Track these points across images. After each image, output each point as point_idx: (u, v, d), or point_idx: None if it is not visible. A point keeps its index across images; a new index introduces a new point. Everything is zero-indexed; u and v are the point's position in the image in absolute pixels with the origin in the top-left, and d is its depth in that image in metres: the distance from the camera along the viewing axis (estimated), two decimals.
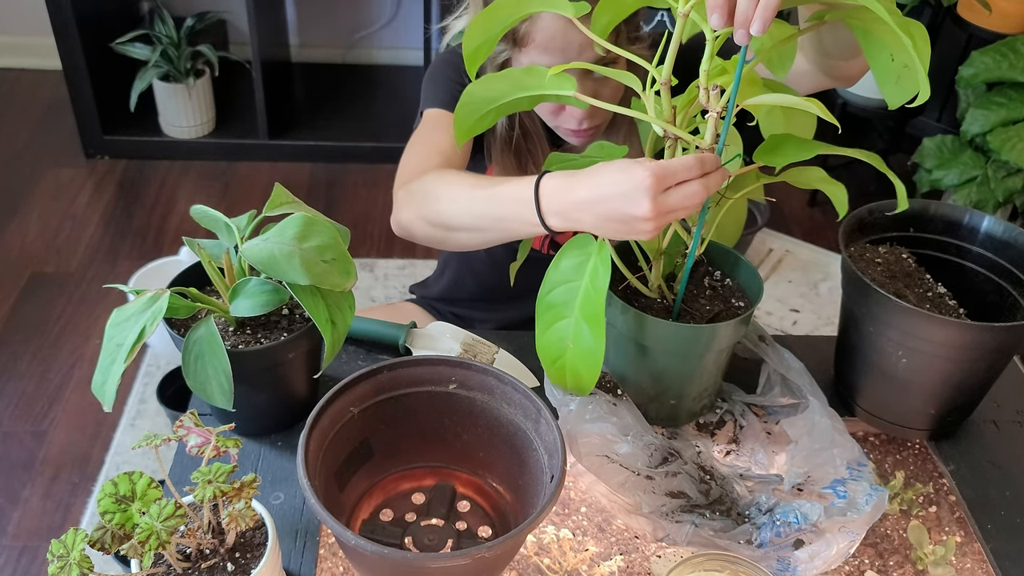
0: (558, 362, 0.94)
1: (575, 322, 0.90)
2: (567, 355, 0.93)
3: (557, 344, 0.93)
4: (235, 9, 2.94)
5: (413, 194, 1.07)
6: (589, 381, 0.94)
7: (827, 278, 2.52)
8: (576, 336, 0.91)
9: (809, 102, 0.79)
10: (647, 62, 0.88)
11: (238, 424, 0.98)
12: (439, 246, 1.10)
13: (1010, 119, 2.26)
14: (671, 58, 0.84)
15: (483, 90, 0.94)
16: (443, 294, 1.51)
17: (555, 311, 0.92)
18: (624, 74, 0.88)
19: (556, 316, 0.92)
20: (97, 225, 2.62)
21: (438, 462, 0.98)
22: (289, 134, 2.89)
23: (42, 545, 1.78)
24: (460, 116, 0.96)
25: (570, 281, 0.91)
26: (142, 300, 0.85)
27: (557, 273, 0.92)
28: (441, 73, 1.26)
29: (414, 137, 1.20)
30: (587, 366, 0.92)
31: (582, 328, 0.90)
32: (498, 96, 0.93)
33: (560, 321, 0.92)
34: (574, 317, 0.90)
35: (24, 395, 2.09)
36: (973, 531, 0.99)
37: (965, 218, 1.10)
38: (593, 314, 0.89)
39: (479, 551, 0.76)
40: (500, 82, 0.93)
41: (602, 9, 0.89)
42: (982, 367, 1.00)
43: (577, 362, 0.92)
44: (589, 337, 0.90)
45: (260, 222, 0.95)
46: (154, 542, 0.72)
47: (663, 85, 0.85)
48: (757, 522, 0.92)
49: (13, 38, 3.19)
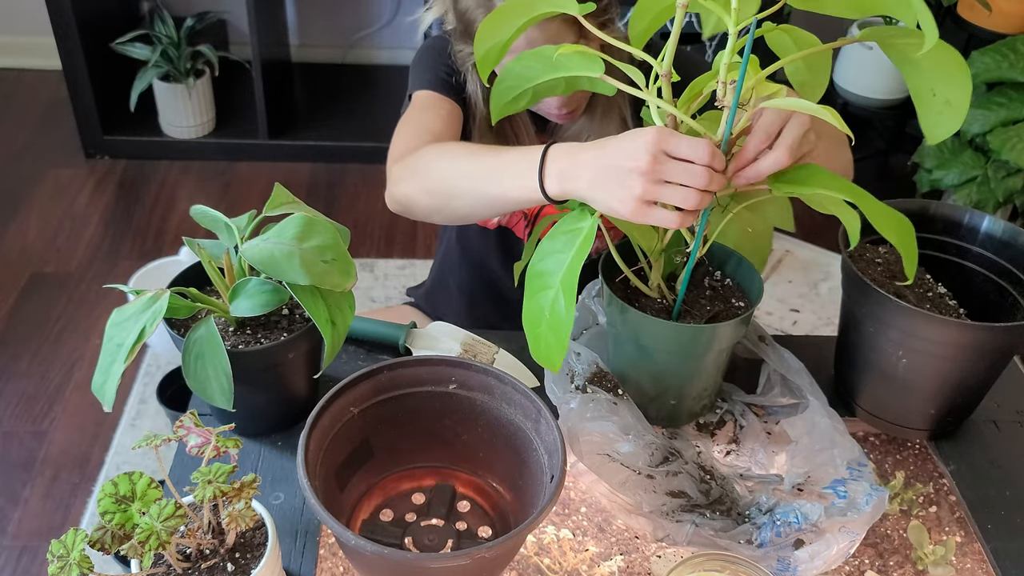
0: (536, 330, 0.91)
1: (555, 292, 0.89)
2: (543, 324, 0.90)
3: (539, 313, 0.91)
4: (235, 9, 2.94)
5: (411, 167, 1.08)
6: (558, 351, 0.90)
7: (827, 278, 2.52)
8: (553, 306, 0.89)
9: (824, 110, 0.79)
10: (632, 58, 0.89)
11: (238, 424, 0.98)
12: (435, 218, 1.11)
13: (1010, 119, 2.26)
14: (671, 50, 0.84)
15: (521, 67, 0.94)
16: (428, 295, 1.55)
17: (542, 280, 0.90)
18: (629, 68, 0.88)
19: (542, 285, 0.90)
20: (97, 225, 2.62)
21: (438, 462, 0.98)
22: (289, 134, 2.88)
23: (42, 545, 1.78)
24: (498, 92, 0.96)
25: (560, 253, 0.90)
26: (142, 300, 0.86)
27: (551, 243, 0.90)
28: (426, 56, 1.29)
29: (404, 118, 1.21)
30: (556, 337, 0.89)
31: (559, 299, 0.88)
32: (534, 76, 0.93)
33: (544, 291, 0.90)
34: (555, 288, 0.89)
35: (24, 395, 2.09)
36: (973, 531, 0.99)
37: (965, 218, 1.10)
38: (570, 285, 0.88)
39: (479, 551, 0.76)
40: (534, 60, 0.93)
41: (639, 15, 0.90)
42: (982, 367, 1.00)
43: (549, 333, 0.90)
44: (563, 308, 0.88)
45: (260, 222, 0.95)
46: (154, 542, 0.72)
47: (664, 77, 0.85)
48: (757, 522, 0.92)
49: (13, 38, 3.19)
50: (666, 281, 1.01)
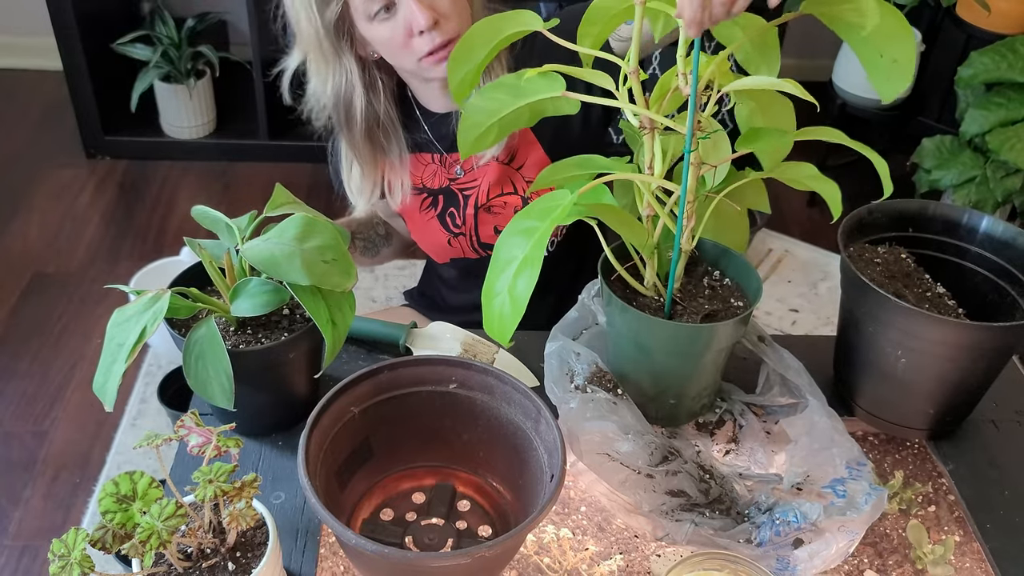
0: (491, 302, 0.89)
1: (519, 265, 0.87)
2: (501, 296, 0.88)
3: (498, 286, 0.89)
4: (235, 10, 2.94)
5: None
6: (511, 323, 0.88)
7: (826, 278, 2.52)
8: (515, 277, 0.87)
9: (786, 82, 0.81)
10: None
11: (239, 424, 0.98)
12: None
13: (1009, 119, 2.26)
14: (635, 47, 0.85)
15: (485, 101, 0.93)
16: (421, 296, 1.58)
17: (509, 252, 0.89)
18: (597, 74, 0.88)
19: (509, 259, 0.88)
20: (98, 225, 2.62)
21: (438, 462, 0.98)
22: (289, 134, 2.88)
23: (43, 545, 1.78)
24: (464, 130, 0.94)
25: (533, 224, 0.88)
26: (143, 300, 0.86)
27: (523, 220, 0.89)
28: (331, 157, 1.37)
29: None
30: (514, 309, 0.87)
31: (523, 270, 0.87)
32: (499, 108, 0.93)
33: (511, 264, 0.88)
34: (520, 260, 0.87)
35: (25, 395, 2.09)
36: (972, 530, 0.99)
37: (964, 218, 1.10)
38: (534, 258, 0.87)
39: (479, 550, 0.76)
40: (498, 92, 0.92)
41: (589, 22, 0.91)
42: (981, 367, 1.00)
43: (505, 305, 0.88)
44: (524, 280, 0.87)
45: (261, 222, 0.95)
46: (155, 541, 0.73)
47: (631, 74, 0.86)
48: (756, 521, 0.93)
49: (14, 38, 3.19)
50: (663, 280, 1.01)
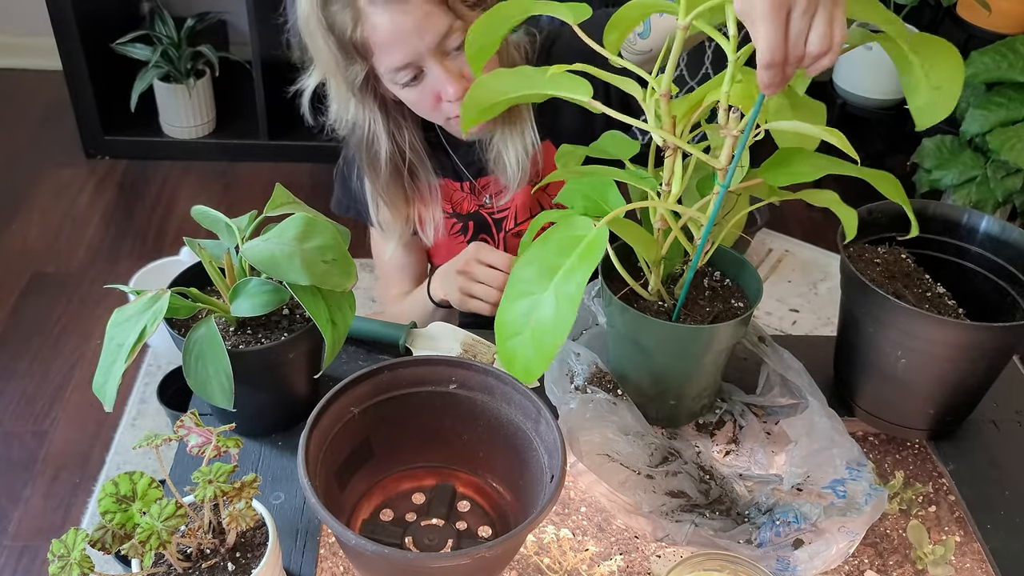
0: (510, 341, 0.82)
1: (535, 300, 0.80)
2: (527, 332, 0.81)
3: (517, 321, 0.81)
4: (235, 9, 2.94)
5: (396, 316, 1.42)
6: (539, 364, 0.81)
7: (827, 278, 2.52)
8: (536, 313, 0.80)
9: (830, 133, 0.77)
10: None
11: (239, 424, 0.98)
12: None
13: (1009, 119, 2.26)
14: (671, 69, 0.83)
15: (495, 82, 0.93)
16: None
17: (525, 285, 0.82)
18: (628, 82, 0.87)
19: (523, 292, 0.82)
20: (98, 225, 2.62)
21: (438, 462, 0.98)
22: (289, 134, 2.88)
23: (43, 545, 1.78)
24: (468, 104, 0.94)
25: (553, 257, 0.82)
26: (143, 300, 0.86)
27: (541, 249, 0.83)
28: (346, 180, 1.41)
29: (375, 254, 1.49)
30: (538, 349, 0.80)
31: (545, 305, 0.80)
32: (508, 89, 0.92)
33: (525, 297, 0.81)
34: (538, 295, 0.80)
35: (25, 395, 2.09)
36: (972, 531, 0.99)
37: (964, 218, 1.10)
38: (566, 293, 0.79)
39: (479, 551, 0.76)
40: (511, 77, 0.92)
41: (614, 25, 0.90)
42: (981, 367, 1.00)
43: (530, 344, 0.81)
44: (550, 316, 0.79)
45: (261, 222, 0.95)
46: (155, 542, 0.72)
47: (663, 97, 0.85)
48: (757, 522, 0.93)
49: (13, 38, 3.19)
50: (665, 285, 1.01)
